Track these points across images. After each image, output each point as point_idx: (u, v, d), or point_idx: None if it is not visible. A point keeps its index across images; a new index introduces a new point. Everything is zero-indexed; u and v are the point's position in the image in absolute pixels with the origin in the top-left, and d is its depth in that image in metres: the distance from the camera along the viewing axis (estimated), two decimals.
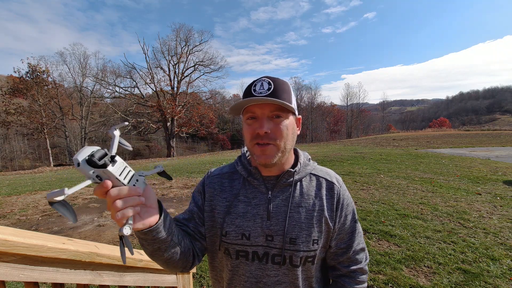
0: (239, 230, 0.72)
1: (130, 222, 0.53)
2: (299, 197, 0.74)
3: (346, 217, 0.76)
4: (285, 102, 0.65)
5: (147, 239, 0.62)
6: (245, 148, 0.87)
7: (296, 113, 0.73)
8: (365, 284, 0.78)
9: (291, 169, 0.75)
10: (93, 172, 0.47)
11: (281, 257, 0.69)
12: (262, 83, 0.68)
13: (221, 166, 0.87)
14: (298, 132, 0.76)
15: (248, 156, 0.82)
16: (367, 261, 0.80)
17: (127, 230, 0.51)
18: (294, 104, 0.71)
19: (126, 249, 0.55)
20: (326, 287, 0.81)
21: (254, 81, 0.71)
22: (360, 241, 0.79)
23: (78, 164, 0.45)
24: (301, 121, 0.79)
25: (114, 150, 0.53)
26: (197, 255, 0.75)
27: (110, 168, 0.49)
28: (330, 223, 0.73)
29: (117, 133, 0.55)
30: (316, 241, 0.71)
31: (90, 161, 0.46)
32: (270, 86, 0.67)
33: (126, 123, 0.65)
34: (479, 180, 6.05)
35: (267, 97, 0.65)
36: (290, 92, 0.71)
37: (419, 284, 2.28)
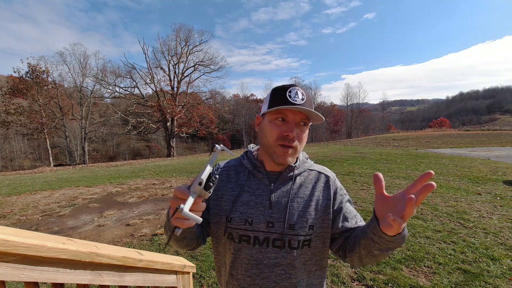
0: (243, 216, 0.79)
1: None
2: (298, 189, 0.83)
3: (346, 203, 0.85)
4: (320, 115, 0.75)
5: (184, 231, 0.71)
6: (251, 145, 0.95)
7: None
8: None
9: (292, 165, 0.83)
10: (200, 191, 0.57)
11: (281, 241, 0.77)
12: (297, 92, 0.75)
13: (227, 160, 0.95)
14: None
15: (254, 151, 0.90)
16: None
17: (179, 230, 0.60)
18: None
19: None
20: (322, 271, 0.86)
21: (286, 87, 0.77)
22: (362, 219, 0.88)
23: (200, 183, 0.55)
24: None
25: (211, 165, 0.60)
26: (203, 238, 0.86)
27: (208, 192, 0.57)
28: (326, 212, 0.82)
29: (220, 148, 0.62)
30: (312, 226, 0.79)
31: (206, 186, 0.56)
32: (303, 98, 0.75)
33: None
34: (479, 180, 6.05)
35: (303, 106, 0.74)
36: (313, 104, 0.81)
37: (419, 284, 2.28)
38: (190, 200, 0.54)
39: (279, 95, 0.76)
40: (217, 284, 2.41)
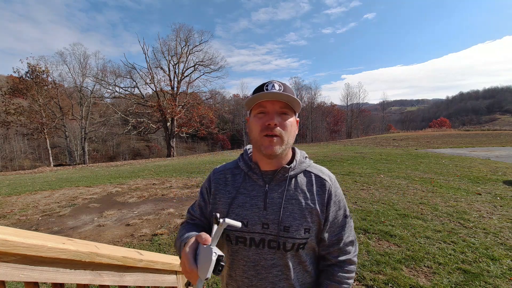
0: (238, 218, 0.79)
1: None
2: (293, 190, 0.81)
3: (337, 212, 0.84)
4: (295, 97, 0.77)
5: None
6: (248, 146, 0.95)
7: (297, 113, 0.84)
8: (353, 274, 0.84)
9: (287, 165, 0.83)
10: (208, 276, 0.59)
11: (276, 242, 0.77)
12: (273, 84, 0.79)
13: (224, 163, 0.96)
14: (297, 132, 0.85)
15: (249, 153, 0.90)
16: (356, 253, 0.87)
17: None
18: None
19: None
20: (317, 270, 0.87)
21: (265, 83, 0.81)
22: (350, 234, 0.86)
23: (207, 279, 0.59)
24: (299, 123, 0.88)
25: (215, 243, 0.63)
26: None
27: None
28: (321, 216, 0.80)
29: (225, 223, 0.63)
30: (307, 230, 0.78)
31: (214, 272, 0.59)
32: (280, 88, 0.78)
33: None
34: (479, 180, 6.05)
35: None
36: (295, 95, 0.81)
37: (419, 284, 2.28)
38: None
39: (258, 91, 0.79)
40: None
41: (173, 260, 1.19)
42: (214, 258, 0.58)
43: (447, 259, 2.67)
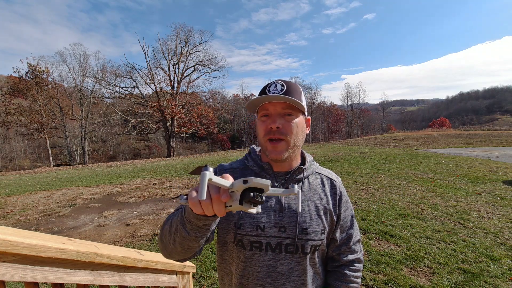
0: (254, 222, 0.76)
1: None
2: (308, 192, 0.81)
3: (346, 211, 0.86)
4: (294, 99, 0.71)
5: (200, 227, 0.60)
6: (254, 145, 0.93)
7: (306, 112, 0.80)
8: (361, 273, 0.86)
9: (302, 166, 0.81)
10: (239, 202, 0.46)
11: (294, 246, 0.74)
12: (275, 84, 0.75)
13: (229, 162, 0.91)
14: (307, 132, 0.82)
15: (258, 153, 0.87)
16: (362, 252, 0.89)
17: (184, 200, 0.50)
18: (304, 104, 0.76)
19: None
20: (327, 275, 0.87)
21: (268, 83, 0.77)
22: (357, 233, 0.88)
23: (245, 182, 0.44)
24: (310, 121, 0.85)
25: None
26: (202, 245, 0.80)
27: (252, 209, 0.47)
28: (334, 216, 0.82)
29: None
30: (323, 231, 0.78)
31: (247, 196, 0.44)
32: (283, 88, 0.74)
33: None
34: (479, 180, 6.05)
35: (283, 95, 0.72)
36: (301, 94, 0.77)
37: (419, 284, 2.28)
38: (220, 180, 0.44)
39: (261, 93, 0.77)
40: (217, 284, 2.40)
41: (173, 260, 1.19)
42: (269, 182, 0.45)
43: (447, 259, 2.67)
